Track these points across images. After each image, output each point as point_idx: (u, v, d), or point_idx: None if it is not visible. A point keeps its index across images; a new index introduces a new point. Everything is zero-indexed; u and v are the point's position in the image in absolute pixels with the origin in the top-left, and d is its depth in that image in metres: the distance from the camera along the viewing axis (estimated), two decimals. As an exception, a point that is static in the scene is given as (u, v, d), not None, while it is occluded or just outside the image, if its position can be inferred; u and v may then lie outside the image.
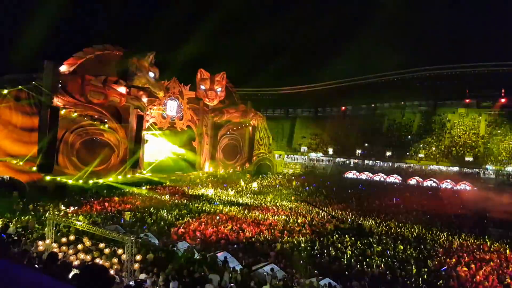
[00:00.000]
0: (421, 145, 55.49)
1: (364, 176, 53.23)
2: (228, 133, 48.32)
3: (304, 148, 64.15)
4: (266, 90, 74.15)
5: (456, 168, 50.02)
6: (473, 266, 14.77)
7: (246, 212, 23.41)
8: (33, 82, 27.16)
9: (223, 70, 44.36)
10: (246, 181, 40.70)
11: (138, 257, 11.10)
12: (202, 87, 43.29)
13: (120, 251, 11.03)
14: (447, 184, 46.78)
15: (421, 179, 48.85)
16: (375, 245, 16.92)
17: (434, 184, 47.34)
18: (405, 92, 64.27)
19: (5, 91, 25.41)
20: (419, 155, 53.69)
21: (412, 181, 48.78)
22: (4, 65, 36.08)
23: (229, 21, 64.65)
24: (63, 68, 29.47)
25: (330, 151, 61.16)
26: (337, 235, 18.40)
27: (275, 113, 74.86)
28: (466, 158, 50.28)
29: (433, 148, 54.44)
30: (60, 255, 10.43)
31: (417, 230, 20.91)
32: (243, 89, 64.10)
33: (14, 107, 25.91)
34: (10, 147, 25.64)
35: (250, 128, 50.38)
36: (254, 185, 37.66)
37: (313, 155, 62.41)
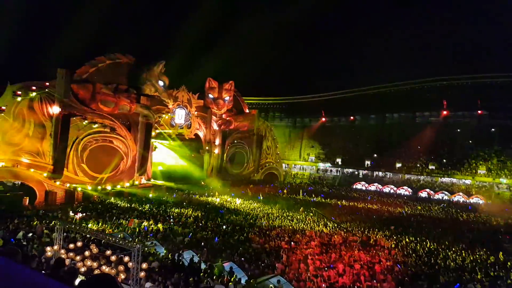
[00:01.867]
0: (432, 157, 54.46)
1: (373, 187, 52.40)
2: (235, 141, 48.38)
3: (312, 158, 63.70)
4: (274, 99, 74.29)
5: (468, 181, 48.94)
6: (486, 283, 14.21)
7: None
8: (46, 90, 27.81)
9: (231, 79, 44.83)
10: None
11: (144, 265, 11.02)
12: (211, 95, 43.69)
13: (126, 258, 10.97)
14: (459, 197, 45.70)
15: (432, 192, 47.83)
16: (384, 259, 16.49)
17: (445, 197, 46.28)
18: (416, 102, 63.43)
19: (19, 99, 26.09)
20: (431, 167, 52.72)
21: (423, 194, 47.77)
22: (19, 72, 37.07)
23: (238, 28, 65.36)
24: (75, 76, 30.12)
25: (339, 161, 60.61)
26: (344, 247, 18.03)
27: (283, 122, 74.81)
28: (479, 171, 49.19)
29: (444, 160, 53.42)
30: (67, 261, 10.40)
31: (428, 244, 20.33)
32: (251, 98, 64.38)
33: (29, 106, 26.65)
34: (29, 145, 26.61)
35: (258, 137, 50.37)
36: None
37: (321, 165, 61.92)
